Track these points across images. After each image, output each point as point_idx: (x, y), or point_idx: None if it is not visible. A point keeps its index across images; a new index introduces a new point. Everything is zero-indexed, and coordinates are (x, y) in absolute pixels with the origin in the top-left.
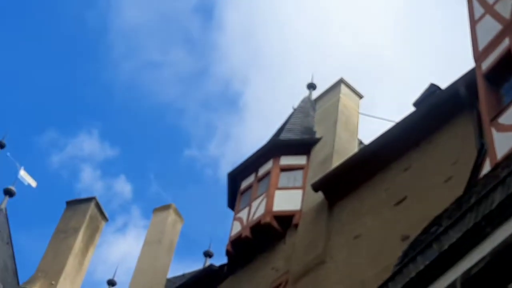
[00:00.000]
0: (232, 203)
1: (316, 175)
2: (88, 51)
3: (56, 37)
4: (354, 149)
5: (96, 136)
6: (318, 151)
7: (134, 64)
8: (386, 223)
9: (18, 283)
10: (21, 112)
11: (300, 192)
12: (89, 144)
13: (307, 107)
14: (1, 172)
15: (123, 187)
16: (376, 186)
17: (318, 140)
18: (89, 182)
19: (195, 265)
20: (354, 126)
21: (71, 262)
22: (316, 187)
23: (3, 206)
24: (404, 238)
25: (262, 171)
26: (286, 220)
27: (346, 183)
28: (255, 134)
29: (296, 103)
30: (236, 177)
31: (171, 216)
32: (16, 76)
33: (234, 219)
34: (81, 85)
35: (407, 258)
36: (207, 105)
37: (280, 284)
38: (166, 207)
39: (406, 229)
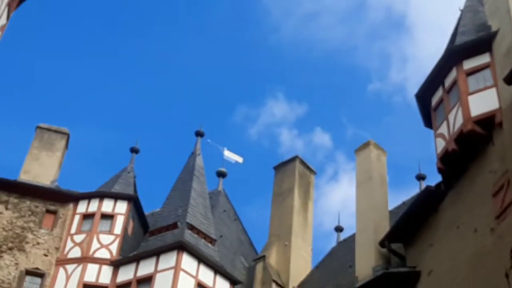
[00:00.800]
0: (428, 122)
1: (505, 68)
2: (249, 20)
3: (217, 21)
4: None
5: (283, 99)
6: (499, 44)
7: (294, 20)
8: None
9: (256, 252)
10: (210, 99)
11: (493, 90)
12: (278, 109)
13: (474, 5)
14: (208, 158)
15: (322, 138)
16: None
17: (495, 33)
18: (289, 143)
19: (412, 191)
20: None
21: (296, 220)
22: (509, 80)
23: (220, 188)
24: None
25: (448, 81)
26: (488, 122)
27: None
28: (431, 48)
29: (462, 4)
30: (424, 95)
31: (373, 152)
32: (199, 68)
33: (436, 136)
34: (253, 56)
35: None
36: (375, 35)
37: (502, 186)
38: (365, 145)
39: None
